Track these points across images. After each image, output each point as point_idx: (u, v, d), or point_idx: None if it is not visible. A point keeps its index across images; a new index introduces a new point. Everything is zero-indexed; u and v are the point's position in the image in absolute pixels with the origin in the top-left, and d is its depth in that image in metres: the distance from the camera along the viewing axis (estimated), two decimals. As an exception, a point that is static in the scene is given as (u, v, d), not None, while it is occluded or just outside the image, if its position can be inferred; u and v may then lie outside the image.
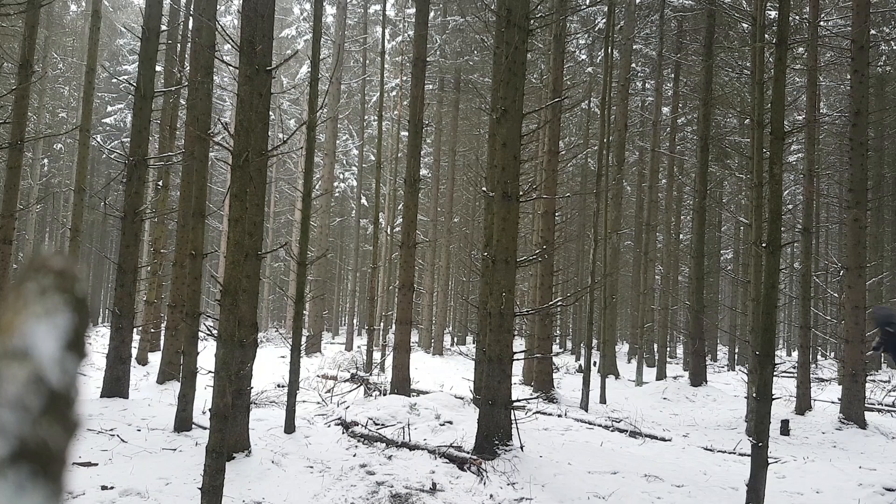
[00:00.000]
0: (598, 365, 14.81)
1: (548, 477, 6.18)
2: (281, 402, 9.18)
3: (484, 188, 10.32)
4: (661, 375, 17.63)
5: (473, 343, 16.08)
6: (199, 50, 8.03)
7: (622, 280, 25.84)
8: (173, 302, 11.07)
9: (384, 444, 6.85)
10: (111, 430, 6.79)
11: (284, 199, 32.90)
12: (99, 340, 17.06)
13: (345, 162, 32.30)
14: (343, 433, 7.36)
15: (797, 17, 14.45)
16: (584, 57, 22.16)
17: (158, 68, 10.93)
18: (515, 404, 7.13)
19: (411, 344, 11.15)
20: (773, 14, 12.78)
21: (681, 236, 22.20)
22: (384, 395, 10.13)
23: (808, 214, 12.88)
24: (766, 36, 10.19)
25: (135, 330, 10.08)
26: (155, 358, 13.32)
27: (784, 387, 13.95)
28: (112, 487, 5.05)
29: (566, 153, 19.70)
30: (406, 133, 15.37)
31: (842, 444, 9.45)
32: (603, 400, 12.82)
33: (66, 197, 28.88)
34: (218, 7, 12.85)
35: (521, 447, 6.85)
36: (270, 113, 6.96)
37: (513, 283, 7.02)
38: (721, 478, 6.78)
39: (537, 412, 9.65)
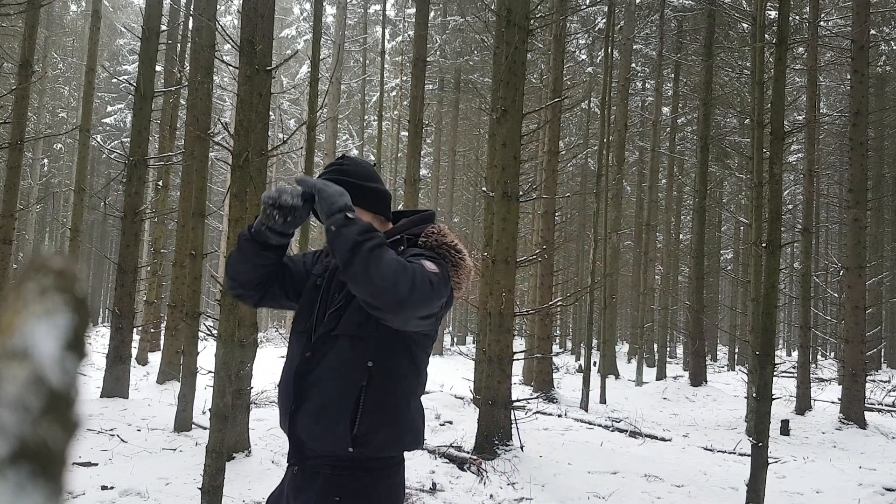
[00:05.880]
0: (598, 365, 14.81)
1: (548, 477, 6.18)
2: (281, 402, 9.16)
3: (484, 188, 10.32)
4: (661, 375, 17.63)
5: (473, 343, 16.08)
6: (199, 50, 8.03)
7: (622, 280, 25.83)
8: (173, 302, 11.07)
9: (384, 444, 6.84)
10: (111, 430, 6.80)
11: (284, 199, 32.85)
12: (99, 340, 17.06)
13: (345, 162, 32.28)
14: (343, 433, 7.35)
15: (797, 17, 14.45)
16: (584, 57, 22.16)
17: (158, 68, 10.92)
18: (515, 404, 7.13)
19: (411, 344, 11.12)
20: (773, 14, 12.77)
21: (681, 236, 22.20)
22: (384, 395, 10.11)
23: (808, 214, 12.88)
24: (766, 36, 10.19)
25: (135, 330, 10.08)
26: (155, 358, 13.31)
27: (784, 387, 13.94)
28: (112, 487, 5.05)
29: (566, 153, 19.69)
30: (406, 133, 15.36)
31: (842, 444, 9.45)
32: (603, 400, 12.81)
33: (66, 197, 28.87)
34: (218, 7, 12.85)
35: (521, 447, 6.85)
36: (270, 113, 6.96)
37: (513, 283, 7.01)
38: (721, 478, 6.78)
39: (537, 412, 9.64)
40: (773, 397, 5.46)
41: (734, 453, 8.47)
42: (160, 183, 13.73)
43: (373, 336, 1.63)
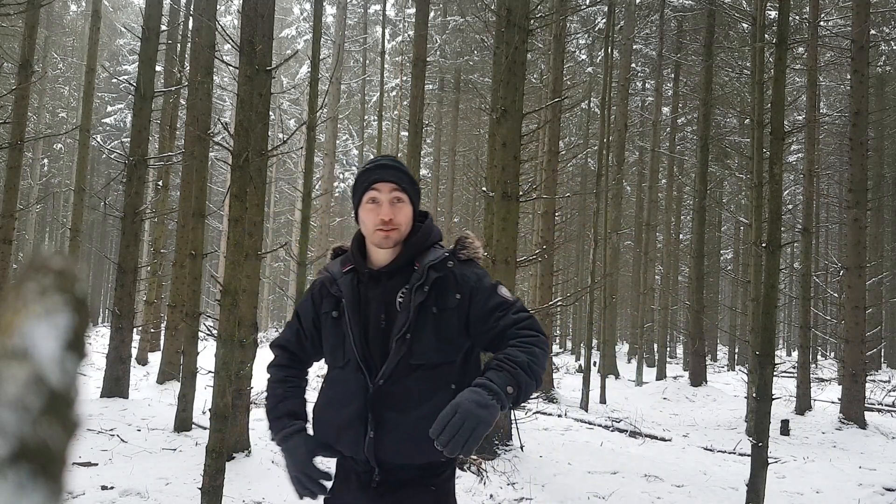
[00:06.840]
0: (597, 365, 14.81)
1: (548, 477, 6.18)
2: (281, 402, 9.15)
3: (484, 188, 10.31)
4: (661, 375, 17.63)
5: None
6: (199, 50, 8.02)
7: (622, 280, 25.84)
8: (173, 302, 11.07)
9: (384, 444, 6.84)
10: (111, 430, 6.80)
11: (284, 199, 32.89)
12: (99, 340, 17.06)
13: (345, 162, 32.29)
14: (343, 433, 7.34)
15: (797, 17, 14.45)
16: (584, 57, 22.15)
17: (158, 68, 10.92)
18: (515, 404, 7.12)
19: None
20: (773, 14, 12.77)
21: (681, 236, 22.20)
22: (384, 395, 10.10)
23: (808, 214, 12.87)
24: (766, 36, 10.19)
25: (135, 330, 10.08)
26: (155, 358, 13.31)
27: (784, 387, 13.95)
28: (112, 487, 5.05)
29: (566, 153, 19.68)
30: (406, 133, 15.35)
31: (842, 444, 9.45)
32: (603, 400, 12.81)
33: (66, 197, 28.88)
34: (218, 7, 12.84)
35: (522, 447, 6.85)
36: (270, 113, 6.96)
37: (513, 283, 7.02)
38: (721, 478, 6.78)
39: (537, 412, 9.65)
40: (773, 397, 5.46)
41: (734, 453, 8.47)
42: (160, 183, 13.73)
43: (454, 362, 1.79)
